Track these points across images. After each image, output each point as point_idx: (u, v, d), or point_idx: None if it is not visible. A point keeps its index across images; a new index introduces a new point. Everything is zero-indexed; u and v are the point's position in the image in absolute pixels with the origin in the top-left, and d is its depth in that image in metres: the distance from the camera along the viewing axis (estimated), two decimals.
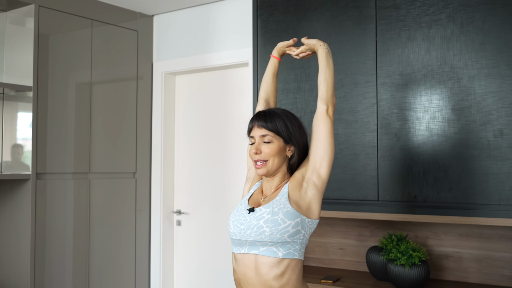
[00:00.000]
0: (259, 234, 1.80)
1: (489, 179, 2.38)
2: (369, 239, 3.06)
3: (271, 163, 1.89)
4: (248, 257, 1.85)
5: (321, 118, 1.91)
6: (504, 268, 2.67)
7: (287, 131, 1.90)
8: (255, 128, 1.92)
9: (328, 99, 1.93)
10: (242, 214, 1.90)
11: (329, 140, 1.89)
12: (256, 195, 1.98)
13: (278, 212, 1.81)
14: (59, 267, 3.43)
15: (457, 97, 2.47)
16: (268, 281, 1.81)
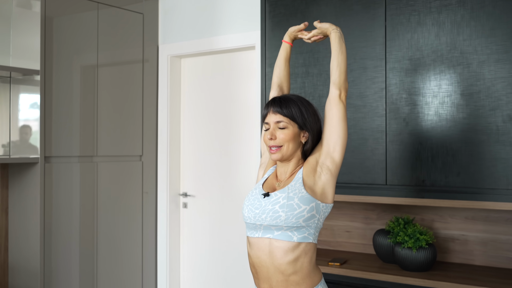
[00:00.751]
0: (275, 219, 1.83)
1: (497, 164, 2.40)
2: (376, 222, 3.09)
3: (286, 148, 1.91)
4: (262, 241, 1.88)
5: (334, 103, 1.92)
6: (510, 250, 2.71)
7: (301, 117, 1.92)
8: (270, 114, 1.94)
9: (341, 84, 1.94)
10: (257, 199, 1.92)
11: (342, 124, 1.91)
12: (270, 180, 2.00)
13: (294, 197, 1.84)
14: (67, 249, 3.47)
15: (466, 82, 2.48)
16: (282, 265, 1.84)
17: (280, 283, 1.85)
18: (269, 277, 1.87)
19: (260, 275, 1.90)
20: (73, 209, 3.51)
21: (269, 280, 1.87)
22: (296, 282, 1.85)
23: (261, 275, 1.90)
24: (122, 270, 3.81)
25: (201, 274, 3.99)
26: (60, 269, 3.42)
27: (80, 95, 3.55)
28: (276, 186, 1.95)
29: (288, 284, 1.85)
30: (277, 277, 1.85)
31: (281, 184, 1.94)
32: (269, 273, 1.87)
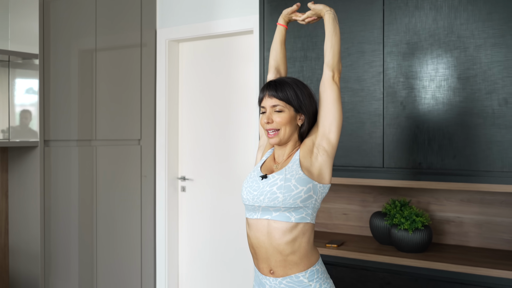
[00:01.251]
0: (273, 200, 1.87)
1: (492, 147, 2.44)
2: (372, 204, 3.14)
3: (283, 132, 1.94)
4: (261, 222, 1.92)
5: (328, 85, 1.94)
6: (504, 232, 2.76)
7: (297, 100, 1.94)
8: (266, 98, 1.96)
9: (334, 66, 1.96)
10: (255, 181, 1.95)
11: (337, 106, 1.93)
12: (268, 163, 2.03)
13: (291, 179, 1.87)
14: (66, 232, 3.50)
15: (463, 66, 2.51)
16: (281, 245, 1.88)
17: (278, 263, 1.89)
18: (268, 257, 1.91)
19: (259, 255, 1.94)
20: (73, 192, 3.54)
21: (268, 260, 1.91)
22: (294, 262, 1.89)
23: (260, 255, 1.93)
24: (121, 253, 3.85)
25: (200, 257, 4.04)
26: (59, 251, 3.46)
27: (78, 79, 3.56)
28: (274, 168, 1.98)
29: (287, 264, 1.88)
30: (276, 257, 1.89)
31: (279, 166, 1.97)
32: (267, 254, 1.91)
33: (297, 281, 1.89)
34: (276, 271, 1.90)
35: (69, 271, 3.51)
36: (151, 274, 4.06)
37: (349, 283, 2.74)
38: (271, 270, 1.91)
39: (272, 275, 1.91)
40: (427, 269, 2.53)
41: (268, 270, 1.92)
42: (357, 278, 2.72)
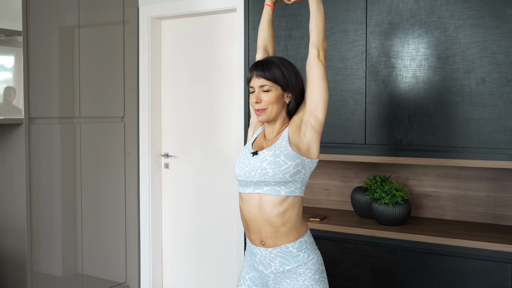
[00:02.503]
0: (263, 175, 1.95)
1: (470, 124, 2.55)
2: (353, 180, 3.24)
3: (270, 110, 2.01)
4: (253, 196, 2.00)
5: (313, 63, 2.01)
6: (479, 206, 2.89)
7: (284, 79, 2.01)
8: (254, 78, 2.03)
9: (319, 44, 2.02)
10: (246, 157, 2.04)
11: (323, 83, 2.00)
12: (259, 140, 2.11)
13: (280, 155, 1.96)
14: (51, 210, 3.54)
15: (443, 46, 2.60)
16: (272, 217, 1.97)
17: (269, 234, 1.98)
18: (259, 229, 2.00)
19: (251, 227, 2.03)
20: (57, 169, 3.56)
21: (259, 232, 2.00)
22: (284, 233, 1.98)
23: (251, 227, 2.03)
24: (105, 230, 3.90)
25: (183, 232, 4.12)
26: (45, 228, 3.49)
27: (60, 56, 3.55)
28: (264, 145, 2.07)
29: (277, 235, 1.98)
30: (267, 229, 1.98)
31: (269, 143, 2.05)
32: (259, 226, 2.00)
33: (286, 251, 1.99)
34: (266, 242, 1.99)
35: (54, 248, 3.55)
36: (135, 250, 4.13)
37: (331, 255, 2.85)
38: (262, 241, 2.00)
39: (263, 245, 2.00)
40: (406, 241, 2.65)
41: (259, 241, 2.01)
42: (339, 251, 2.83)
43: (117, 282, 4.00)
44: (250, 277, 2.11)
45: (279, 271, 2.01)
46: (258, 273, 2.08)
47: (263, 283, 2.08)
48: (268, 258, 2.01)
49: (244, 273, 2.14)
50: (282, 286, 2.03)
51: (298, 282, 2.00)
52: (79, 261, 3.71)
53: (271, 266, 2.01)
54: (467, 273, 2.52)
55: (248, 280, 2.11)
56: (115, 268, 3.98)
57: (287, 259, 2.00)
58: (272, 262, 2.01)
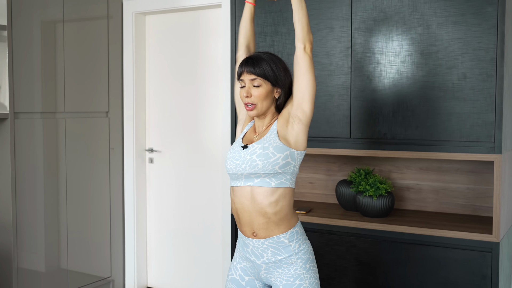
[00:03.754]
0: (253, 167, 2.01)
1: (452, 118, 2.63)
2: (337, 173, 3.31)
3: (260, 105, 2.07)
4: (244, 189, 2.05)
5: (300, 56, 2.06)
6: (459, 197, 2.99)
7: (273, 75, 2.06)
8: (244, 73, 2.08)
9: (304, 37, 2.06)
10: (237, 151, 2.09)
11: (309, 75, 2.04)
12: (249, 134, 2.17)
13: (269, 147, 2.02)
14: (36, 205, 3.53)
15: (426, 42, 2.68)
16: (264, 208, 2.03)
17: (261, 225, 2.03)
18: (251, 221, 2.05)
19: (242, 220, 2.08)
20: (42, 164, 3.55)
21: (251, 223, 2.05)
22: (275, 224, 2.04)
23: (243, 219, 2.07)
24: (90, 226, 3.91)
25: (168, 226, 4.14)
26: (30, 223, 3.48)
27: (44, 51, 3.54)
28: (253, 139, 2.12)
29: (269, 226, 2.03)
30: (259, 220, 2.03)
31: (258, 136, 2.11)
32: (251, 217, 2.05)
33: (278, 242, 2.04)
34: (258, 233, 2.04)
35: (38, 243, 3.55)
36: (119, 245, 4.14)
37: (317, 247, 2.91)
38: (254, 232, 2.05)
39: (255, 237, 2.05)
40: (390, 232, 2.73)
41: (251, 233, 2.06)
42: (325, 242, 2.89)
43: (101, 277, 4.01)
44: (241, 267, 2.16)
45: (271, 261, 2.06)
46: (250, 263, 2.13)
47: (254, 273, 2.14)
48: (261, 249, 2.06)
49: (236, 263, 2.19)
50: (274, 275, 2.08)
51: (289, 271, 2.05)
52: (64, 256, 3.71)
53: (263, 256, 2.07)
54: (448, 262, 2.60)
55: (239, 270, 2.17)
56: (99, 263, 3.99)
57: (279, 249, 2.05)
58: (264, 252, 2.06)
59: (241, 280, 2.16)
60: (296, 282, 2.05)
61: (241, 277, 2.16)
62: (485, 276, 2.54)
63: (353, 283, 2.83)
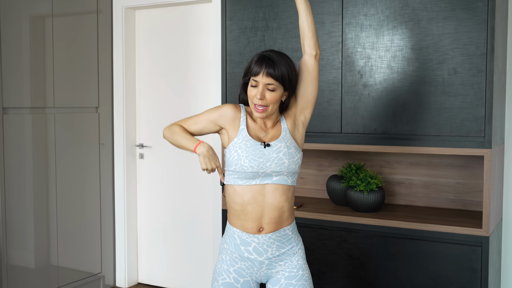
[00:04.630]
0: (279, 165, 2.04)
1: (442, 113, 2.64)
2: (328, 169, 3.31)
3: (271, 108, 2.05)
4: (258, 186, 2.06)
5: (310, 64, 2.09)
6: (449, 192, 3.00)
7: (288, 80, 2.04)
8: (262, 75, 2.00)
9: (316, 44, 2.09)
10: (257, 149, 2.04)
11: (316, 84, 2.13)
12: (253, 131, 2.10)
13: (290, 146, 2.07)
14: (25, 202, 3.50)
15: (416, 37, 2.68)
16: (280, 202, 2.07)
17: (273, 219, 2.06)
18: (262, 216, 2.06)
19: (251, 216, 2.05)
20: (31, 160, 3.52)
21: (261, 219, 2.06)
22: (286, 217, 2.10)
23: (251, 216, 2.05)
24: (80, 222, 3.89)
25: (159, 222, 4.13)
26: (19, 220, 3.46)
27: (33, 46, 3.51)
28: (261, 136, 2.09)
29: (280, 220, 2.08)
30: (272, 214, 2.06)
31: (268, 134, 2.09)
32: (263, 212, 2.05)
33: (284, 234, 2.09)
34: (266, 228, 2.06)
35: (28, 239, 3.53)
36: (110, 241, 4.12)
37: (308, 242, 2.91)
38: (261, 228, 2.06)
39: (261, 232, 2.05)
40: (380, 227, 2.74)
41: (258, 229, 2.06)
42: (316, 237, 2.90)
43: (92, 273, 3.99)
44: (235, 270, 2.12)
45: (274, 255, 2.09)
46: (248, 263, 2.10)
47: (251, 273, 2.11)
48: (266, 244, 2.07)
49: (227, 267, 2.13)
50: (276, 269, 2.10)
51: (292, 262, 2.11)
52: (54, 252, 3.69)
53: (267, 251, 2.07)
54: (439, 256, 2.62)
55: (233, 273, 2.12)
56: (90, 259, 3.97)
57: (283, 243, 2.10)
58: (269, 247, 2.07)
59: (236, 282, 2.13)
60: (299, 273, 2.10)
61: (236, 280, 2.12)
62: (475, 270, 2.55)
63: (344, 278, 2.84)
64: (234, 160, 2.04)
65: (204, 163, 2.05)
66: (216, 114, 2.13)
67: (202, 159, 2.05)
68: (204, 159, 2.05)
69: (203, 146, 2.06)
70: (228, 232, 2.13)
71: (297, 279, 2.10)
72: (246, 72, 2.07)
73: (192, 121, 2.16)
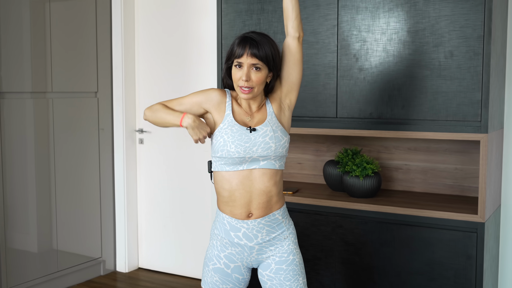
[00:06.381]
0: (266, 150, 2.01)
1: (438, 97, 2.59)
2: (326, 154, 3.28)
3: (257, 89, 2.02)
4: (246, 171, 2.03)
5: (293, 46, 2.06)
6: (447, 178, 2.96)
7: (273, 60, 2.02)
8: (246, 55, 1.98)
9: (299, 26, 2.06)
10: (243, 134, 2.02)
11: (300, 67, 2.10)
12: (238, 116, 2.08)
13: (277, 130, 2.05)
14: (25, 187, 3.51)
15: (412, 20, 2.62)
16: (268, 187, 2.05)
17: (261, 204, 2.04)
18: (250, 201, 2.04)
19: (239, 202, 2.04)
20: (30, 145, 3.53)
21: (249, 204, 2.04)
22: (275, 201, 2.08)
23: (239, 202, 2.04)
24: (80, 206, 3.90)
25: (159, 207, 4.13)
26: (18, 205, 3.48)
27: (31, 30, 3.50)
28: (247, 121, 2.06)
29: (268, 204, 2.06)
30: (260, 199, 2.04)
31: (254, 118, 2.06)
32: (251, 197, 2.03)
33: (273, 219, 2.07)
34: (255, 213, 2.04)
35: (28, 224, 3.54)
36: (110, 225, 4.14)
37: (303, 227, 2.89)
38: (250, 213, 2.04)
39: (250, 218, 2.03)
40: (376, 213, 2.71)
41: (247, 214, 2.04)
42: (311, 223, 2.88)
43: (92, 257, 4.01)
44: (226, 255, 2.11)
45: (265, 241, 2.07)
46: (238, 248, 2.09)
47: (241, 258, 2.10)
48: (256, 230, 2.05)
49: (218, 252, 2.12)
50: (266, 254, 2.08)
51: (283, 247, 2.09)
52: (54, 236, 3.71)
53: (257, 237, 2.06)
54: (434, 243, 2.58)
55: (223, 259, 2.11)
56: (90, 243, 3.99)
57: (273, 227, 2.08)
58: (259, 232, 2.06)
59: (227, 268, 2.12)
60: (290, 258, 2.08)
61: (227, 265, 2.12)
62: (470, 257, 2.52)
63: (339, 264, 2.82)
64: (221, 146, 2.02)
65: (194, 134, 2.03)
66: (202, 97, 2.10)
67: (192, 131, 2.03)
68: (193, 130, 2.03)
69: (188, 118, 2.04)
70: (218, 217, 2.11)
71: (287, 264, 2.09)
72: (228, 56, 2.05)
73: (176, 102, 2.13)
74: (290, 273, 2.08)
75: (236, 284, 2.14)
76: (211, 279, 2.13)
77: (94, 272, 4.03)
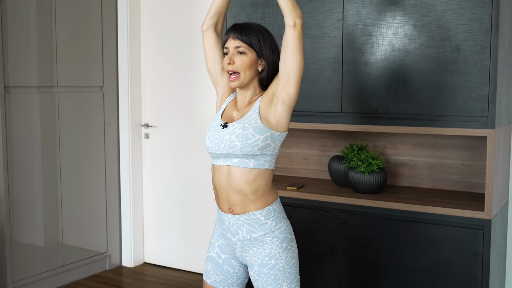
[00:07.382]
0: (231, 148, 1.96)
1: (445, 92, 2.55)
2: (331, 149, 3.25)
3: (243, 75, 1.99)
4: (223, 167, 2.01)
5: (288, 33, 1.93)
6: (454, 174, 2.92)
7: (259, 44, 1.98)
8: (230, 39, 2.00)
9: (291, 13, 1.91)
10: (216, 130, 2.03)
11: (297, 56, 1.92)
12: (228, 110, 2.09)
13: (249, 128, 1.95)
14: (30, 181, 3.52)
15: (419, 13, 2.58)
16: (240, 186, 1.99)
17: (237, 202, 2.00)
18: (228, 197, 2.02)
19: (220, 195, 2.04)
20: (35, 139, 3.53)
21: (228, 199, 2.02)
22: (251, 200, 2.00)
23: (221, 195, 2.04)
24: (86, 201, 3.90)
25: (164, 202, 4.13)
26: (24, 198, 3.48)
27: (36, 24, 3.49)
28: (233, 116, 2.04)
29: (245, 202, 2.00)
30: (235, 197, 2.00)
31: (239, 114, 2.03)
32: (228, 194, 2.01)
33: (254, 218, 2.00)
34: (234, 209, 2.01)
35: (34, 217, 3.55)
36: (116, 220, 4.14)
37: (308, 223, 2.87)
38: (230, 208, 2.02)
39: (231, 212, 2.02)
40: (381, 209, 2.68)
41: (228, 208, 2.03)
42: (315, 219, 2.85)
43: (98, 252, 4.02)
44: (218, 245, 2.13)
45: (246, 239, 2.02)
46: (226, 241, 2.10)
47: (230, 251, 2.09)
48: (236, 225, 2.02)
49: (214, 240, 2.16)
50: (249, 254, 2.04)
51: (265, 250, 2.01)
52: (60, 231, 3.72)
53: (238, 233, 2.03)
54: (440, 239, 2.55)
55: (217, 248, 2.13)
56: (96, 238, 3.99)
57: (254, 227, 2.01)
58: (240, 229, 2.02)
59: (218, 258, 2.12)
60: (271, 262, 2.00)
61: (218, 255, 2.12)
62: (476, 254, 2.48)
63: (343, 260, 2.79)
64: None
65: None
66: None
67: None
68: None
69: None
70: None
71: (268, 268, 2.01)
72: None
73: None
74: (271, 277, 2.01)
75: (227, 276, 2.12)
76: (206, 267, 2.18)
77: (99, 266, 4.04)
